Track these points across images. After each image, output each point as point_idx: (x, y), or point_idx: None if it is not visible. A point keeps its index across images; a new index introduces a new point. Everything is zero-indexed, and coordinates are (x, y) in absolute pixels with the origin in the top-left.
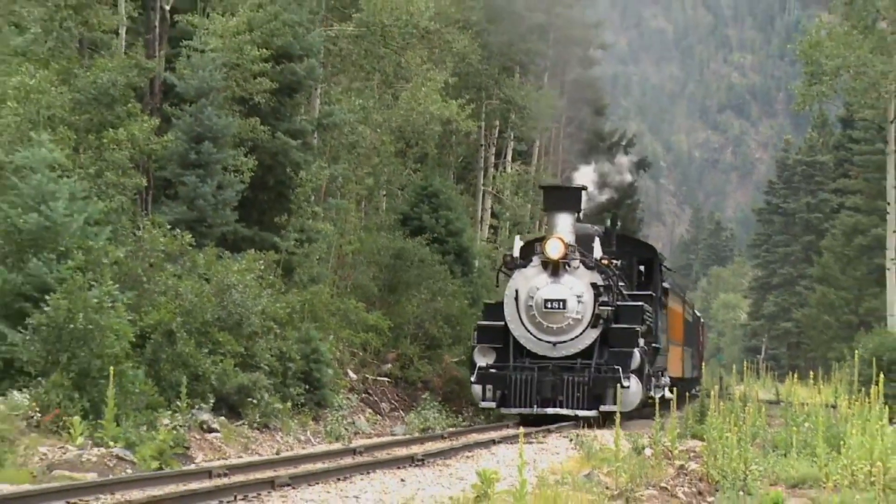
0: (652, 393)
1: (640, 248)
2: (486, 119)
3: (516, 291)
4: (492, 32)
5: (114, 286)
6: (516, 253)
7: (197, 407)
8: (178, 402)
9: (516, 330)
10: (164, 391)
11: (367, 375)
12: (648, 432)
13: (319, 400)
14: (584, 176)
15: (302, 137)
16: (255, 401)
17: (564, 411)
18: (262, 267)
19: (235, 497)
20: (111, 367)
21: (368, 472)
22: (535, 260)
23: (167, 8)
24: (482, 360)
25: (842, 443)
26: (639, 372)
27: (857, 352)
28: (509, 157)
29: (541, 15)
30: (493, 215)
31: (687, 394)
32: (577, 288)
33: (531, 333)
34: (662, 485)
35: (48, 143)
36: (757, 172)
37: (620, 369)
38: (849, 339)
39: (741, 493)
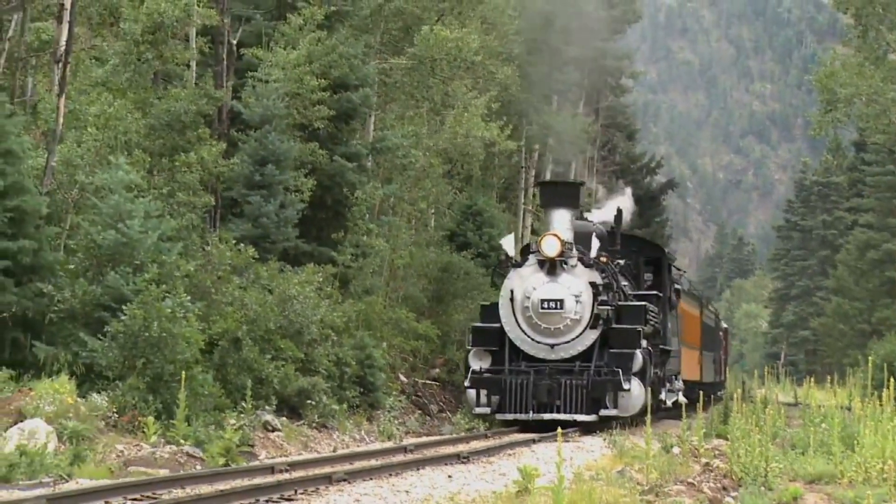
0: (662, 397)
1: (647, 247)
2: (527, 143)
3: (511, 292)
4: (531, 64)
5: (185, 297)
6: (511, 252)
7: (261, 408)
8: (244, 404)
9: (512, 332)
10: (230, 394)
11: (416, 379)
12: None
13: (373, 402)
14: (626, 200)
15: (357, 160)
16: (313, 402)
17: (562, 416)
18: (321, 279)
19: (296, 491)
20: (182, 372)
21: (418, 469)
22: (532, 258)
23: (234, 42)
24: (477, 364)
25: (856, 442)
26: (641, 374)
27: (870, 358)
28: (548, 178)
29: (576, 48)
30: (534, 232)
31: (710, 397)
32: (575, 287)
33: (527, 335)
34: (689, 481)
35: (125, 166)
36: (776, 192)
37: (621, 372)
38: (862, 347)
39: (762, 488)
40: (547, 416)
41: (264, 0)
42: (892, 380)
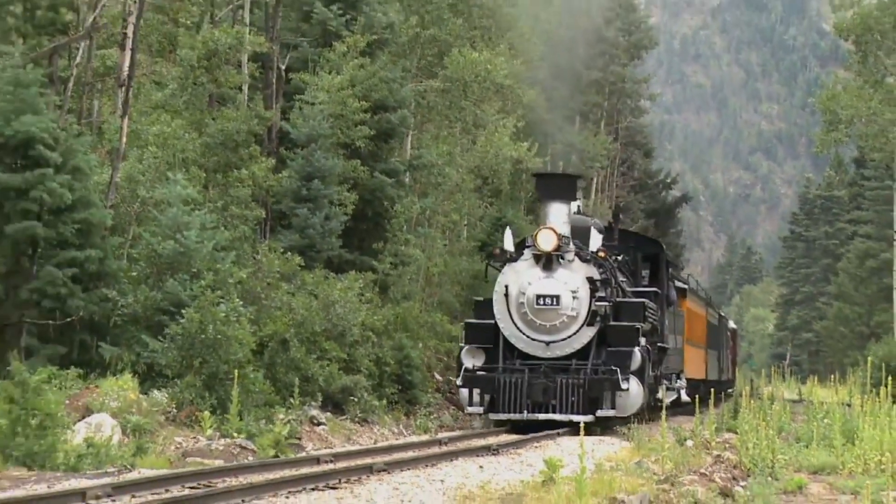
0: (660, 395)
1: (645, 243)
2: (551, 160)
3: (506, 287)
4: (555, 87)
5: (238, 302)
6: (508, 246)
7: (307, 404)
8: (292, 400)
9: (507, 329)
10: (279, 391)
11: (450, 378)
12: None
13: (410, 398)
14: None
15: (396, 176)
16: (356, 399)
17: (558, 416)
18: (362, 285)
19: (340, 480)
20: (235, 371)
21: (452, 460)
22: (527, 253)
23: (283, 68)
24: (470, 362)
25: (855, 436)
26: (640, 373)
27: (869, 358)
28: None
29: (598, 72)
30: None
31: (720, 395)
32: (571, 283)
33: (522, 332)
34: (702, 471)
35: (183, 182)
36: (782, 205)
37: (619, 371)
38: (862, 348)
39: (769, 478)
40: (542, 416)
41: (311, 28)
42: (889, 378)
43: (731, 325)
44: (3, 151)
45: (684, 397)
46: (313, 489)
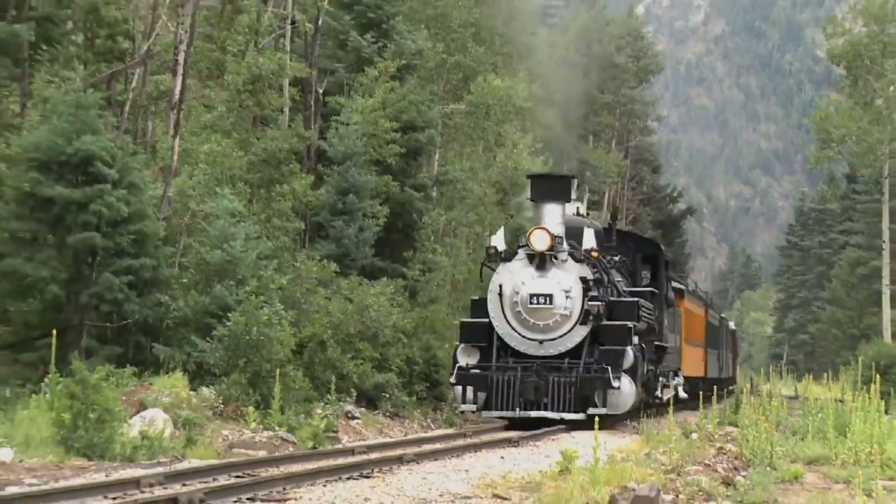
0: (659, 393)
1: (644, 244)
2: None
3: (500, 286)
4: (571, 109)
5: (279, 306)
6: (500, 246)
7: (343, 400)
8: (329, 396)
9: (501, 327)
10: (317, 388)
11: None
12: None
13: (437, 395)
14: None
15: (424, 191)
16: (387, 395)
17: (550, 414)
18: (393, 291)
19: (373, 470)
20: (277, 369)
21: (475, 451)
22: (521, 253)
23: (320, 91)
24: (464, 360)
25: (848, 429)
26: (632, 372)
27: (860, 358)
28: (584, 207)
29: (609, 95)
30: None
31: (720, 391)
32: (565, 282)
33: (516, 331)
34: (706, 462)
35: (229, 196)
36: (779, 217)
37: (611, 369)
38: (853, 348)
39: (768, 468)
40: (534, 413)
41: (346, 55)
42: (877, 376)
43: (732, 326)
44: (66, 168)
45: (682, 394)
46: (349, 478)
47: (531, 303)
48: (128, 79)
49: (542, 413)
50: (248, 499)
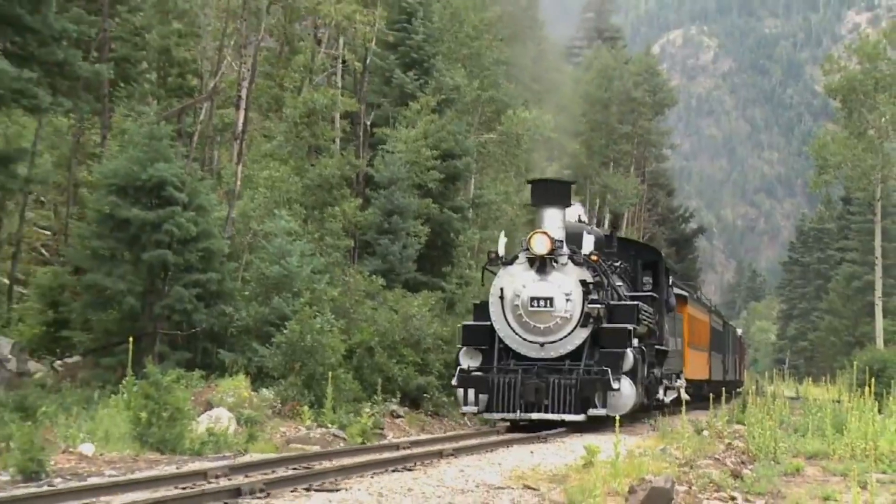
0: (660, 395)
1: (645, 251)
2: (590, 198)
3: (501, 290)
4: (593, 138)
5: (331, 316)
6: (501, 251)
7: (388, 400)
8: (376, 397)
9: (502, 330)
10: (365, 389)
11: None
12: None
13: None
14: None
15: (461, 212)
16: (429, 396)
17: (550, 416)
18: (433, 302)
19: (415, 463)
20: (329, 372)
21: (508, 447)
22: (521, 256)
23: (368, 123)
24: (466, 363)
25: (844, 427)
26: (632, 374)
27: (855, 363)
28: (605, 226)
29: (628, 126)
30: None
31: (729, 392)
32: (565, 285)
33: (517, 334)
34: (716, 456)
35: (286, 217)
36: (782, 236)
37: (610, 371)
38: (848, 354)
39: (772, 462)
40: (535, 415)
41: (391, 91)
42: (871, 379)
43: (739, 332)
44: (141, 193)
45: (684, 396)
46: (394, 470)
47: (532, 306)
48: (196, 112)
49: (542, 415)
50: (304, 489)
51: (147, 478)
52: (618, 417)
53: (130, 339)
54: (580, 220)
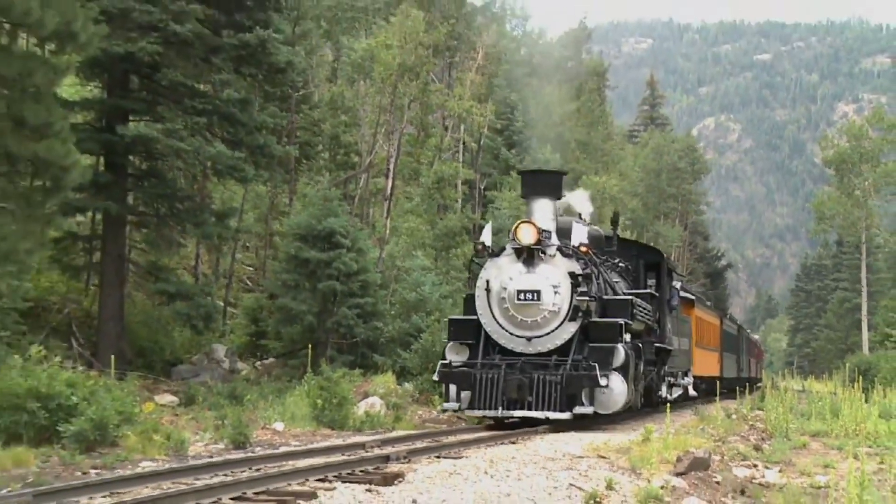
0: (662, 392)
1: (647, 252)
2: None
3: (487, 282)
4: (648, 197)
5: None
6: (488, 241)
7: None
8: None
9: (488, 324)
10: None
11: None
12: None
13: None
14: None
15: None
16: None
17: (534, 414)
18: None
19: (517, 438)
20: None
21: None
22: (508, 248)
23: (482, 187)
24: (451, 358)
25: (839, 413)
26: (623, 370)
27: (847, 364)
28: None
29: (674, 189)
30: None
31: (749, 386)
32: (553, 278)
33: (504, 328)
34: (742, 434)
35: (421, 257)
36: (790, 270)
37: (599, 367)
38: (842, 358)
39: (785, 438)
40: (517, 412)
41: (498, 163)
42: (859, 377)
43: (755, 337)
44: (317, 239)
45: (692, 392)
46: (501, 443)
47: (519, 299)
48: (357, 181)
49: (525, 413)
50: (435, 456)
51: (322, 447)
52: (668, 406)
53: (309, 346)
54: (580, 217)
